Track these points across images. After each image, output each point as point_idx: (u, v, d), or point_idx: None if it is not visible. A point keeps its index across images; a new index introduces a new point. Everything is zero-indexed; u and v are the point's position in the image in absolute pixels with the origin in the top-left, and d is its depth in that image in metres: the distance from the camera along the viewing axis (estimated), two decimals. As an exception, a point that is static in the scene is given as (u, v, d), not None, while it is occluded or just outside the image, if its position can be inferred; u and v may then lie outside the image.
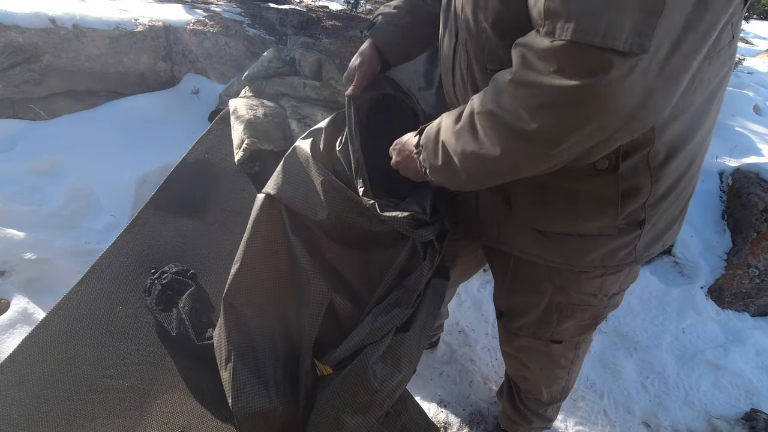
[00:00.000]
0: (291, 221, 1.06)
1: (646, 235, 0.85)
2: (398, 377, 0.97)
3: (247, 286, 1.09)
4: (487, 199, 0.93)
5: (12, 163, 1.94)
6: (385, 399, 0.99)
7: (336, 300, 1.01)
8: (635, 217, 0.81)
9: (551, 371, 1.22)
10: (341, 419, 0.98)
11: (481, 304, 1.99)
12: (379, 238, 1.00)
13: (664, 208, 0.83)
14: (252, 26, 2.60)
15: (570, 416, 1.69)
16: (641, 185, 0.77)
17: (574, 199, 0.80)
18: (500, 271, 1.09)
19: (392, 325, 0.96)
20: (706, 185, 2.33)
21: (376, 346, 0.95)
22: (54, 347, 1.25)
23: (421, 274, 0.96)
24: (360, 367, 0.95)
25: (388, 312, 0.97)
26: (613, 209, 0.79)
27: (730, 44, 0.68)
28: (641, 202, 0.79)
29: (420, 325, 1.00)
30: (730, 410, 1.77)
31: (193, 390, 1.25)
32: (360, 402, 0.97)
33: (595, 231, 0.83)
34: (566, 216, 0.83)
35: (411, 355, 0.99)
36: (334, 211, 0.99)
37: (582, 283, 0.94)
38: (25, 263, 1.70)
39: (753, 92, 3.37)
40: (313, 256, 1.04)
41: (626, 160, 0.73)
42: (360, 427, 0.99)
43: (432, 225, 0.96)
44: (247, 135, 1.64)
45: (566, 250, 0.87)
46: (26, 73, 2.11)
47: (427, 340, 1.05)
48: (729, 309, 2.06)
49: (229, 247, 1.51)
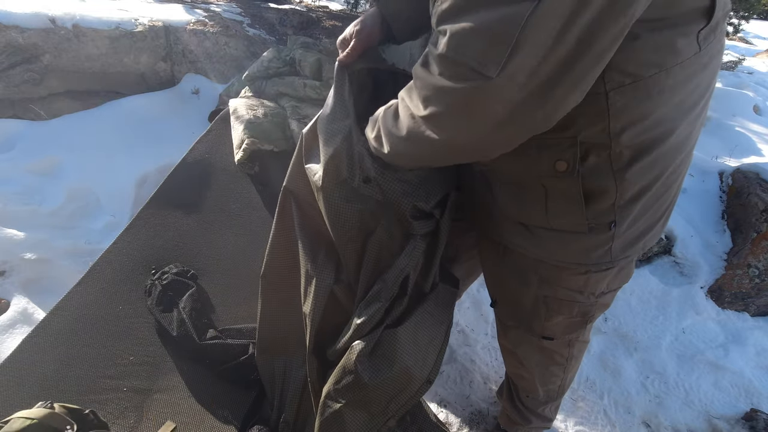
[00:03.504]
0: (299, 215, 1.07)
1: (621, 236, 0.86)
2: (389, 374, 0.96)
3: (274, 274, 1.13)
4: (480, 189, 0.95)
5: (12, 163, 1.94)
6: (383, 398, 0.98)
7: (338, 292, 1.02)
8: (606, 218, 0.83)
9: (546, 368, 1.23)
10: (343, 417, 0.98)
11: (481, 304, 1.99)
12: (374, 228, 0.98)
13: (638, 210, 0.84)
14: (252, 26, 2.60)
15: (570, 416, 1.69)
16: (606, 187, 0.78)
17: (543, 195, 0.83)
18: (490, 257, 1.10)
19: (374, 320, 0.96)
20: (706, 185, 2.33)
21: (363, 341, 0.95)
22: (54, 347, 1.25)
23: (397, 268, 0.96)
24: (348, 361, 0.96)
25: (369, 307, 0.97)
26: (579, 208, 0.81)
27: (696, 56, 0.69)
28: (609, 204, 0.81)
29: (415, 322, 0.99)
30: (730, 410, 1.77)
31: (193, 390, 1.25)
32: (357, 398, 0.97)
33: (567, 227, 0.86)
34: (538, 211, 0.86)
35: (410, 352, 0.98)
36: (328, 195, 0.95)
37: (565, 278, 0.96)
38: (25, 263, 1.70)
39: (753, 92, 3.37)
40: (314, 251, 1.04)
41: (585, 162, 0.76)
42: (367, 425, 0.99)
43: (429, 219, 0.95)
44: (247, 135, 1.64)
45: (545, 243, 0.90)
46: (26, 73, 2.11)
47: (438, 345, 1.03)
48: (729, 309, 2.06)
49: (229, 247, 1.51)
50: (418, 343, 1.00)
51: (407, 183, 0.93)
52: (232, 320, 1.37)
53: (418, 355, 1.00)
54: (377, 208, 0.94)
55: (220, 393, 1.25)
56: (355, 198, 0.93)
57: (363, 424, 1.00)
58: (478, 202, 0.99)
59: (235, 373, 1.26)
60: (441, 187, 0.97)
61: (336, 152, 0.92)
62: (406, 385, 1.00)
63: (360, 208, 0.94)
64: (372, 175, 0.91)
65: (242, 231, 1.53)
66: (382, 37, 1.02)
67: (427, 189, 0.95)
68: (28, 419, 0.96)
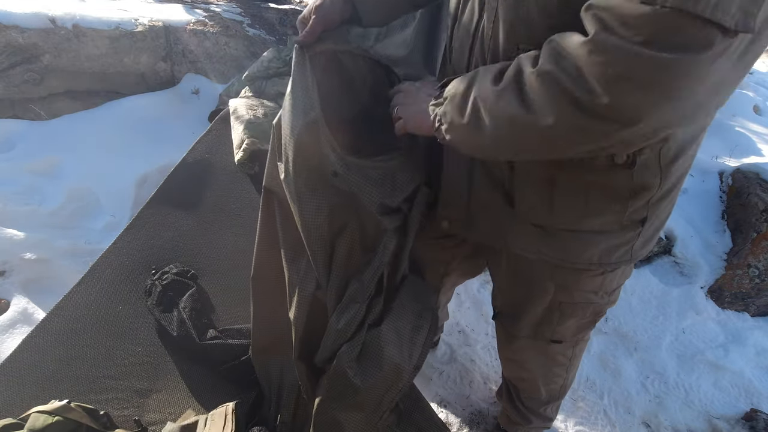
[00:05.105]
0: (282, 217, 1.01)
1: (644, 234, 0.85)
2: (380, 373, 0.95)
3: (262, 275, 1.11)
4: (484, 190, 0.89)
5: (12, 163, 1.94)
6: (376, 396, 0.98)
7: (321, 297, 0.98)
8: (638, 215, 0.81)
9: (549, 370, 1.21)
10: (338, 419, 0.98)
11: (481, 304, 1.99)
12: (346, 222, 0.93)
13: (663, 207, 0.83)
14: (252, 26, 2.60)
15: (570, 416, 1.69)
16: (650, 182, 0.76)
17: (583, 193, 0.78)
18: (496, 270, 1.08)
19: (355, 322, 0.94)
20: (706, 185, 2.32)
21: (350, 345, 0.94)
22: (54, 347, 1.25)
23: (374, 267, 0.93)
24: (338, 368, 0.94)
25: (347, 310, 0.94)
26: (622, 205, 0.78)
27: None
28: (645, 200, 0.79)
29: (395, 317, 0.97)
30: (730, 410, 1.77)
31: (193, 390, 1.25)
32: (350, 402, 0.96)
33: (597, 227, 0.82)
34: (573, 211, 0.81)
35: (396, 347, 0.97)
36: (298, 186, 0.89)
37: (584, 281, 0.93)
38: (25, 263, 1.70)
39: (753, 92, 3.37)
40: (297, 258, 0.99)
41: (641, 155, 0.72)
42: (363, 423, 0.99)
43: (397, 214, 0.92)
44: (247, 135, 1.64)
45: (566, 246, 0.86)
46: (26, 73, 2.11)
47: (423, 335, 1.02)
48: (729, 309, 2.06)
49: (229, 247, 1.51)
50: (402, 337, 0.99)
51: (370, 179, 0.89)
52: (232, 320, 1.37)
53: (405, 349, 0.99)
54: (350, 200, 0.90)
55: (220, 393, 1.25)
56: (324, 190, 0.88)
57: (359, 423, 0.99)
58: (475, 210, 0.93)
59: (235, 373, 1.26)
60: (408, 183, 0.94)
61: (303, 145, 0.85)
62: (397, 379, 0.99)
63: (331, 201, 0.89)
64: (338, 171, 0.86)
65: (242, 231, 1.53)
66: (345, 16, 0.90)
67: (393, 184, 0.92)
68: (51, 416, 0.97)
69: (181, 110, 2.34)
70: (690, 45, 0.48)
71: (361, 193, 0.88)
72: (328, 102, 0.89)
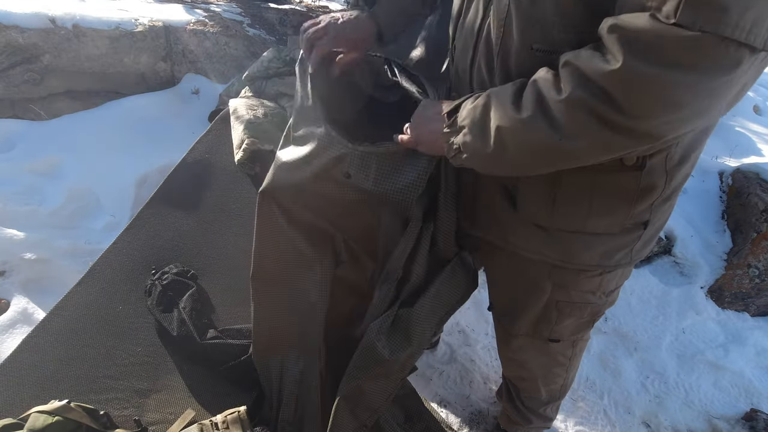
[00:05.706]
0: (285, 214, 1.08)
1: (644, 236, 0.85)
2: (408, 350, 1.04)
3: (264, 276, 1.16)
4: (487, 190, 0.90)
5: (12, 163, 1.94)
6: (398, 369, 1.07)
7: (342, 273, 1.09)
8: (641, 218, 0.81)
9: (549, 369, 1.21)
10: (363, 388, 1.08)
11: (481, 304, 1.99)
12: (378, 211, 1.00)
13: (664, 209, 0.83)
14: (252, 26, 2.60)
15: (570, 416, 1.69)
16: (656, 185, 0.76)
17: (588, 194, 0.78)
18: (493, 267, 1.08)
19: (386, 301, 1.03)
20: (706, 185, 2.32)
21: (379, 322, 1.02)
22: (54, 347, 1.25)
23: (400, 250, 0.99)
24: (367, 343, 1.02)
25: (381, 287, 1.03)
26: (627, 207, 0.78)
27: None
28: (649, 203, 0.79)
29: (428, 302, 1.04)
30: (730, 410, 1.77)
31: (193, 390, 1.25)
32: (376, 373, 1.06)
33: (600, 229, 0.82)
34: (577, 212, 0.81)
35: (421, 330, 1.04)
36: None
37: (582, 281, 0.94)
38: (25, 263, 1.70)
39: (753, 92, 3.37)
40: (311, 240, 1.08)
41: (651, 158, 0.72)
42: (382, 392, 1.09)
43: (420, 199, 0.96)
44: (247, 135, 1.64)
45: (567, 246, 0.86)
46: (26, 73, 2.11)
47: (435, 323, 1.07)
48: (729, 309, 2.06)
49: (229, 247, 1.51)
50: (429, 325, 1.06)
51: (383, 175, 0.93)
52: (232, 320, 1.37)
53: (428, 334, 1.07)
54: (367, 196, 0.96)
55: (220, 393, 1.25)
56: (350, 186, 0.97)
57: (382, 389, 1.09)
58: (479, 207, 0.95)
59: (235, 373, 1.26)
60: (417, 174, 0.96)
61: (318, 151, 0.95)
62: (419, 352, 1.10)
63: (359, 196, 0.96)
64: (351, 171, 0.92)
65: (242, 231, 1.53)
66: (371, 32, 0.94)
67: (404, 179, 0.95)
68: (51, 416, 0.98)
69: (181, 110, 2.34)
70: (721, 66, 0.51)
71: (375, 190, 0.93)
72: (332, 103, 0.96)
